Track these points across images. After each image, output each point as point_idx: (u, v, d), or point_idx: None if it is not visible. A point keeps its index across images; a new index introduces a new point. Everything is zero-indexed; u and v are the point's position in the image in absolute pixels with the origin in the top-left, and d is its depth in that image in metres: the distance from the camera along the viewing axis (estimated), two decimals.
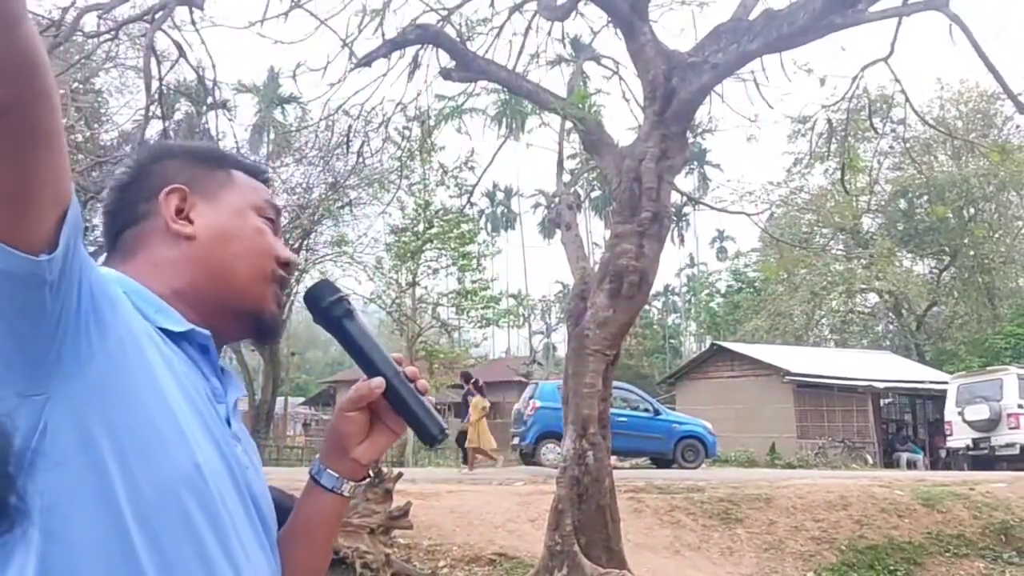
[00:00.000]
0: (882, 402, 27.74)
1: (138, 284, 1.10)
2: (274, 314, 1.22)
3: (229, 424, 1.12)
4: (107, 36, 9.10)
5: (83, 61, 12.77)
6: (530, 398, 18.96)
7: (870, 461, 24.38)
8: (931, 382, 26.31)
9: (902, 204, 36.59)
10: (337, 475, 1.21)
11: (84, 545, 0.91)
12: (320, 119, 10.98)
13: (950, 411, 21.78)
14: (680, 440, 19.08)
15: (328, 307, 1.19)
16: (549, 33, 9.50)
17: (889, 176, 35.18)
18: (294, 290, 21.79)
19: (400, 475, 8.08)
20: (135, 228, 1.18)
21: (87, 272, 0.93)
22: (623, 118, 31.62)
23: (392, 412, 1.19)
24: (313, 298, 1.20)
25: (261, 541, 1.09)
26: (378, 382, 1.16)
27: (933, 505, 11.37)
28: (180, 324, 1.09)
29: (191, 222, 1.17)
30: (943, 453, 24.41)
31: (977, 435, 20.71)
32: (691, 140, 8.84)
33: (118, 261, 1.16)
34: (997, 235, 36.01)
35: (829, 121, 10.23)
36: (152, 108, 7.87)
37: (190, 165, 1.22)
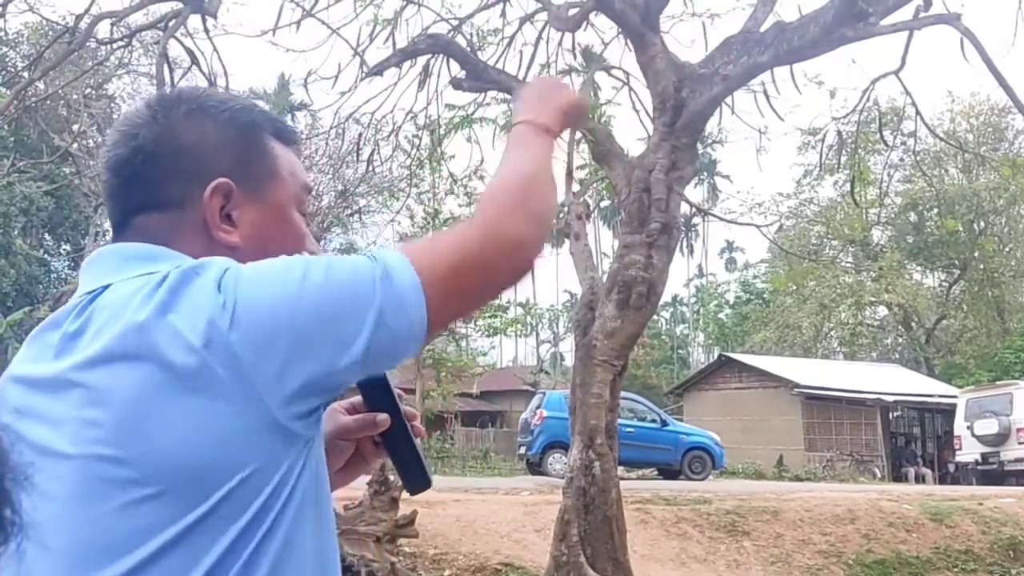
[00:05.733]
0: (891, 415, 27.62)
1: None
2: None
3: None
4: (120, 43, 9.16)
5: (96, 67, 12.85)
6: (537, 408, 18.94)
7: (878, 474, 24.27)
8: (940, 396, 26.18)
9: (912, 217, 36.51)
10: None
11: None
12: (331, 127, 11.04)
13: (959, 425, 21.67)
14: (687, 451, 19.02)
15: None
16: (560, 44, 9.52)
17: (899, 189, 35.12)
18: None
19: None
20: (163, 215, 1.03)
21: None
22: (633, 128, 31.69)
23: (374, 446, 1.15)
24: None
25: None
26: (384, 419, 1.11)
27: (941, 520, 11.32)
28: None
29: (234, 224, 1.04)
30: (952, 467, 24.28)
31: (986, 450, 20.60)
32: (701, 151, 8.85)
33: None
34: (1007, 249, 35.90)
35: (839, 133, 10.22)
36: None
37: (231, 139, 1.07)
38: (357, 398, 1.14)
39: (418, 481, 1.14)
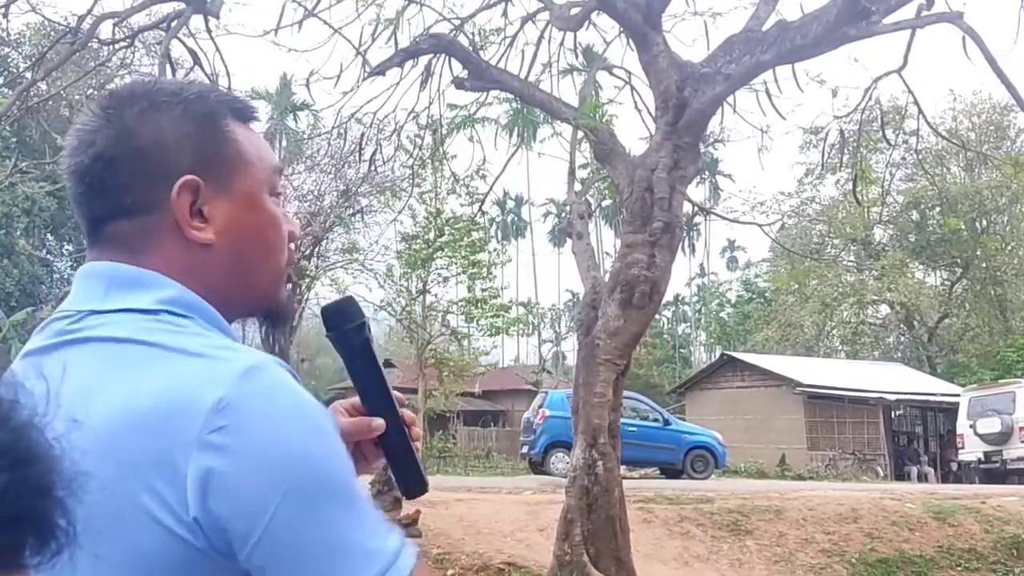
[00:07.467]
0: (893, 414, 27.61)
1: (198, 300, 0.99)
2: (286, 301, 1.12)
3: None
4: (123, 44, 9.16)
5: (99, 68, 12.86)
6: (539, 407, 18.95)
7: (881, 473, 24.27)
8: (942, 394, 26.16)
9: (914, 215, 36.48)
10: None
11: None
12: (333, 127, 11.02)
13: (962, 424, 21.66)
14: (690, 451, 19.04)
15: (350, 330, 1.09)
16: (562, 43, 9.53)
17: (901, 187, 35.08)
18: (305, 297, 21.72)
19: None
20: (132, 221, 1.00)
21: None
22: (635, 128, 31.65)
23: (375, 449, 1.14)
24: (335, 315, 1.09)
25: None
26: (379, 424, 1.10)
27: (944, 519, 11.31)
28: None
29: (205, 219, 1.00)
30: (954, 466, 24.27)
31: (989, 448, 20.59)
32: (703, 150, 8.85)
33: (113, 256, 1.00)
34: (1010, 247, 35.86)
35: (841, 132, 10.21)
36: None
37: (190, 132, 1.02)
38: (357, 399, 1.14)
39: (414, 485, 1.14)
